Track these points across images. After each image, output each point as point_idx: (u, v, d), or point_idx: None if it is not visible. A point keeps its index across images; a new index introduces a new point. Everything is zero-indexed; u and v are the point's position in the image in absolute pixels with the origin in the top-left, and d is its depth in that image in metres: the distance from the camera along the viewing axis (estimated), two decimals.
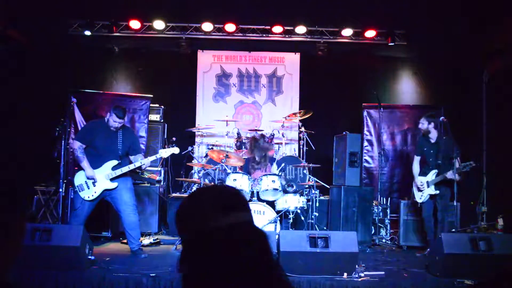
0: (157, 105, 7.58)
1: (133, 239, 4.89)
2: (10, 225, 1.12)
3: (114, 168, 4.82)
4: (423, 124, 5.50)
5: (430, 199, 5.44)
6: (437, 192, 5.35)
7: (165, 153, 5.03)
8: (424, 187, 5.43)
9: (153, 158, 5.02)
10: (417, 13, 6.90)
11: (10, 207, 1.14)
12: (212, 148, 7.10)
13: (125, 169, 4.82)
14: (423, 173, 5.53)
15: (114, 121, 4.79)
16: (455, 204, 5.22)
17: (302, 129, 7.42)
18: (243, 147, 6.97)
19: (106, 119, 4.90)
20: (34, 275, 3.76)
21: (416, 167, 5.62)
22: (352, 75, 8.03)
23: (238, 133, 7.32)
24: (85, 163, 4.77)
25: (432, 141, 5.48)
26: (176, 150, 5.09)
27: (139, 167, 4.97)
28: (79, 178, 4.83)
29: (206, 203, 1.13)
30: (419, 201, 5.52)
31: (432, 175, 5.41)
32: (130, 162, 4.96)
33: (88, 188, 4.80)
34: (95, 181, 4.79)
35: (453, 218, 5.49)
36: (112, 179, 4.82)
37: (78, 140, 4.85)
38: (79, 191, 4.79)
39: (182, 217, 1.16)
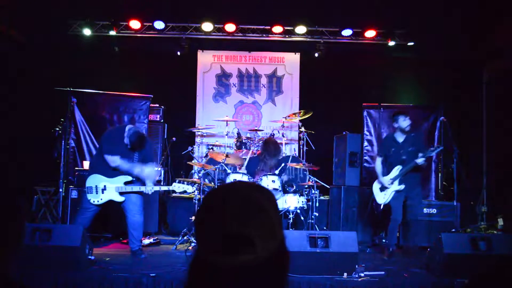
0: (157, 105, 7.58)
1: (135, 239, 4.89)
2: (9, 225, 1.12)
3: (127, 183, 4.79)
4: (404, 121, 5.16)
5: (396, 197, 5.21)
6: (402, 187, 5.12)
7: (178, 188, 5.04)
8: (390, 184, 5.19)
9: (164, 188, 5.21)
10: (417, 13, 6.90)
11: (9, 207, 1.14)
12: (212, 149, 7.10)
13: (135, 188, 4.80)
14: (387, 173, 5.27)
15: (126, 142, 4.75)
16: (455, 204, 5.21)
17: (302, 129, 7.42)
18: (243, 147, 6.97)
19: (125, 129, 4.80)
20: (34, 275, 3.76)
21: (379, 168, 5.36)
22: (352, 75, 8.03)
23: (238, 133, 7.32)
24: (131, 166, 4.72)
25: (400, 140, 5.24)
26: (190, 189, 5.12)
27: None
28: (91, 181, 4.78)
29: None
30: (382, 201, 5.29)
31: (395, 171, 5.18)
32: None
33: (96, 193, 4.76)
34: (105, 188, 4.76)
35: (453, 218, 5.48)
36: (121, 193, 4.79)
37: (111, 154, 4.71)
38: (87, 193, 4.77)
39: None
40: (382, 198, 5.30)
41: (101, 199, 4.76)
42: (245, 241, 0.89)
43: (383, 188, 5.29)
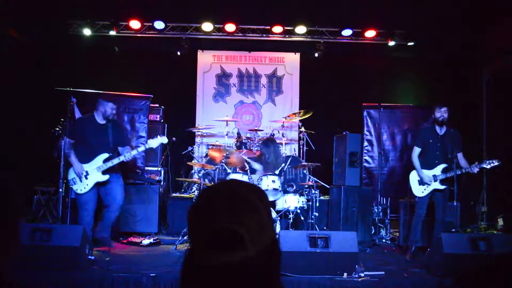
0: (157, 105, 7.58)
1: (107, 227, 5.15)
2: (6, 224, 1.12)
3: (105, 161, 4.96)
4: (438, 112, 5.14)
5: (428, 196, 5.20)
6: (444, 187, 5.11)
7: (154, 143, 5.04)
8: (431, 181, 5.14)
9: (142, 148, 5.08)
10: (417, 13, 6.90)
11: (5, 205, 1.14)
12: (212, 148, 7.09)
13: (115, 161, 4.97)
14: (426, 166, 5.21)
15: (111, 108, 4.96)
16: (455, 204, 5.20)
17: (302, 129, 7.43)
18: (243, 147, 6.97)
19: (97, 114, 5.02)
20: (34, 275, 3.76)
21: (417, 159, 5.27)
22: (352, 75, 8.03)
23: (238, 133, 7.32)
24: (72, 158, 4.92)
25: (440, 133, 5.20)
26: (164, 139, 5.13)
27: (139, 168, 5.05)
28: (72, 173, 4.98)
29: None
30: (421, 195, 5.21)
31: (439, 169, 5.15)
32: (119, 155, 5.11)
33: (81, 182, 4.93)
34: (87, 173, 4.92)
35: (453, 218, 5.48)
36: (103, 172, 4.95)
37: (66, 136, 5.00)
38: (72, 185, 4.94)
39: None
40: (420, 192, 5.23)
41: (87, 184, 4.90)
42: (235, 237, 0.90)
43: (422, 182, 5.22)
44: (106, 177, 4.97)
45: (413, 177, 5.35)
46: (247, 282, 0.92)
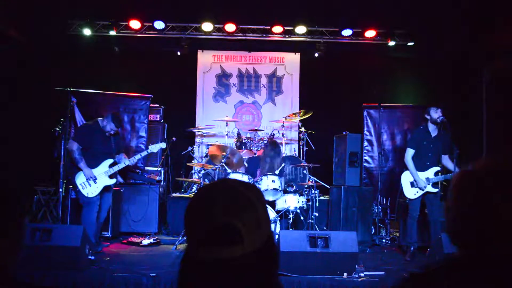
0: (157, 105, 7.58)
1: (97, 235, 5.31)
2: (9, 224, 1.12)
3: (111, 166, 5.13)
4: (436, 113, 5.14)
5: (419, 197, 5.20)
6: (436, 190, 5.12)
7: (154, 148, 5.47)
8: (426, 185, 5.13)
9: (144, 153, 5.47)
10: (417, 13, 6.90)
11: (9, 206, 1.14)
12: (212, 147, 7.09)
13: (121, 165, 5.18)
14: (418, 167, 5.21)
15: (111, 128, 5.10)
16: None
17: (302, 129, 7.42)
18: (243, 147, 6.97)
19: (101, 122, 5.14)
20: (34, 275, 3.75)
21: (411, 161, 5.26)
22: (352, 75, 8.03)
23: (238, 133, 7.32)
24: (82, 164, 5.01)
25: (433, 135, 5.22)
26: (163, 145, 5.61)
27: (139, 168, 5.12)
28: (81, 177, 5.03)
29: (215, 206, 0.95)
30: (412, 197, 5.21)
31: (432, 172, 5.16)
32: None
33: (90, 186, 5.02)
34: (96, 178, 5.04)
35: None
36: (110, 176, 5.12)
37: (77, 142, 5.05)
38: (82, 189, 5.00)
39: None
40: (412, 194, 5.23)
41: (97, 187, 5.04)
42: (233, 232, 0.91)
43: (414, 184, 5.22)
44: (114, 180, 5.19)
45: (405, 178, 5.34)
46: (244, 279, 0.92)
